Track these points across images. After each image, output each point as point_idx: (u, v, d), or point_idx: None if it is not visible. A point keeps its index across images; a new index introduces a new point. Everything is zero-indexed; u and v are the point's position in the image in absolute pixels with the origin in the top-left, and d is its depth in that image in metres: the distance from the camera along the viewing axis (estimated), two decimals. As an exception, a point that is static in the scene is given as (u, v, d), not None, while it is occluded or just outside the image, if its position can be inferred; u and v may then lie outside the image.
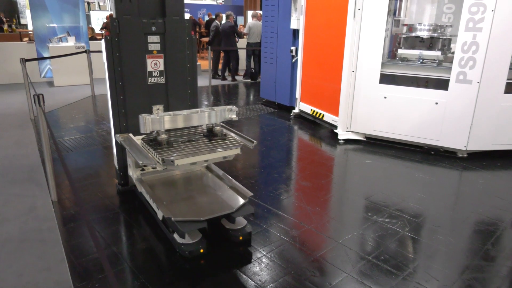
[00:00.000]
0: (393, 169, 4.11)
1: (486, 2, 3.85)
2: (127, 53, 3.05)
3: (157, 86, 3.24)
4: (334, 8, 4.92)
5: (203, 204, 2.74)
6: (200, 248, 2.49)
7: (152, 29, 3.08)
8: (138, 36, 3.04)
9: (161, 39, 3.14)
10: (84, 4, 9.35)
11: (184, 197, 2.88)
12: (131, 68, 3.10)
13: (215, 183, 3.08)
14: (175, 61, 3.21)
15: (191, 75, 3.31)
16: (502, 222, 3.03)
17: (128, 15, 2.97)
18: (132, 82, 3.13)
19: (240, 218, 2.72)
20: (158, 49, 3.16)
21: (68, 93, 7.71)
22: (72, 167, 3.96)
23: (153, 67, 3.19)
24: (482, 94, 4.10)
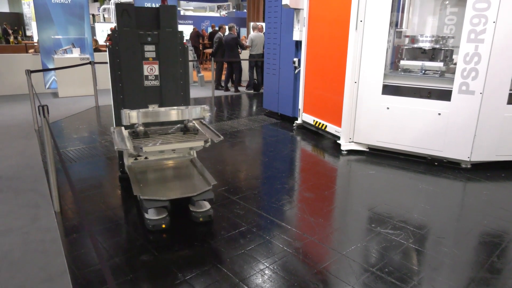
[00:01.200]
0: (397, 180, 4.09)
1: (487, 14, 3.87)
2: (126, 59, 3.49)
3: (152, 88, 3.65)
4: (336, 20, 4.96)
5: (172, 187, 3.24)
6: (162, 224, 2.95)
7: (148, 39, 3.52)
8: (135, 45, 3.48)
9: (156, 48, 3.56)
10: (89, 17, 9.47)
11: (160, 181, 3.38)
12: (129, 72, 3.53)
13: (191, 173, 3.56)
14: (168, 67, 3.62)
15: (183, 79, 3.71)
16: (508, 234, 3.00)
17: (127, 27, 3.44)
18: (130, 84, 3.56)
19: (206, 203, 3.18)
20: (154, 57, 3.58)
21: (72, 104, 7.77)
22: (76, 177, 3.97)
23: (149, 71, 3.61)
24: (485, 105, 4.09)
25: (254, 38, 9.58)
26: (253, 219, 3.17)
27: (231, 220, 3.15)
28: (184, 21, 18.37)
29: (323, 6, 5.26)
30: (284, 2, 5.50)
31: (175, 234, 2.91)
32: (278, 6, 6.06)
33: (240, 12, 20.76)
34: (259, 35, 9.60)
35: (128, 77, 3.54)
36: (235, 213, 3.27)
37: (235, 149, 5.11)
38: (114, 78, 3.55)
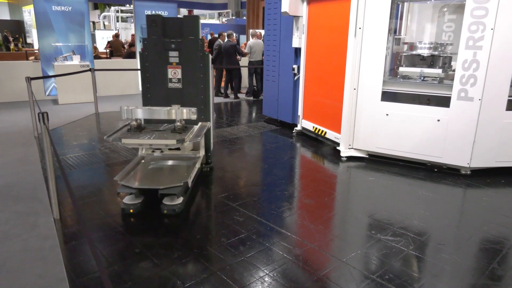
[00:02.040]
0: (396, 186, 4.09)
1: (485, 21, 3.90)
2: (153, 63, 4.04)
3: (175, 90, 4.12)
4: (335, 27, 4.99)
5: (152, 180, 3.61)
6: (130, 208, 3.31)
7: (172, 46, 3.99)
8: (161, 51, 4.00)
9: (179, 54, 4.01)
10: (89, 24, 9.52)
11: (151, 173, 3.74)
12: (156, 75, 4.06)
13: (180, 170, 3.81)
14: (189, 72, 4.05)
15: (203, 83, 4.07)
16: (508, 240, 3.00)
17: (155, 36, 3.97)
18: (156, 85, 4.09)
19: (179, 199, 3.37)
20: (177, 62, 4.05)
21: (72, 111, 7.78)
22: (75, 184, 3.97)
23: (173, 75, 4.09)
24: (483, 111, 4.11)
25: (252, 45, 9.63)
26: (253, 226, 3.16)
27: (231, 227, 3.14)
28: (184, 28, 18.46)
29: (322, 13, 5.29)
30: (283, 9, 5.54)
31: (174, 241, 2.91)
32: (278, 13, 6.09)
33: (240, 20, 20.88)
34: (257, 42, 9.65)
35: (154, 79, 4.07)
36: (234, 220, 3.26)
37: (234, 156, 5.11)
38: (143, 79, 4.09)
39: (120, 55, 12.67)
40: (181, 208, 3.36)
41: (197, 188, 3.95)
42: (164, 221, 3.22)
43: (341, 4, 4.80)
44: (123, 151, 5.07)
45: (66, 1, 8.88)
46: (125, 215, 3.32)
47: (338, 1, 4.87)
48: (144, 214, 3.34)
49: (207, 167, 4.44)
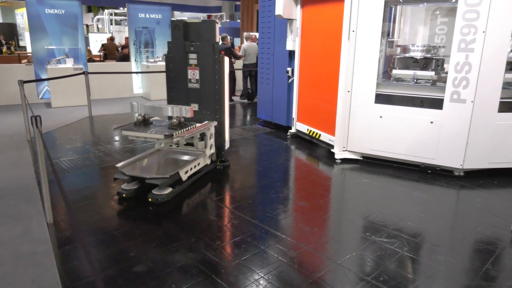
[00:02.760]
0: (391, 188, 4.10)
1: (477, 24, 3.94)
2: (175, 65, 4.40)
3: (194, 90, 4.43)
4: (329, 30, 5.01)
5: (149, 170, 3.88)
6: (123, 193, 3.63)
7: (191, 49, 4.30)
8: (181, 54, 4.33)
9: (197, 56, 4.30)
10: (83, 27, 9.49)
11: (151, 164, 4.05)
12: (178, 76, 4.43)
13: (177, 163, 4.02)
14: (206, 73, 4.31)
15: (218, 84, 4.30)
16: (501, 241, 3.02)
17: (177, 39, 4.30)
18: (178, 85, 4.45)
19: (166, 190, 3.61)
20: (196, 63, 4.34)
21: (65, 114, 7.73)
22: (69, 188, 3.94)
23: (192, 76, 4.40)
24: (476, 113, 4.14)
25: (247, 48, 9.64)
26: (247, 228, 3.16)
27: (226, 230, 3.14)
28: (178, 31, 18.44)
29: (316, 16, 5.32)
30: (277, 12, 5.56)
31: (168, 245, 2.89)
32: (272, 16, 6.11)
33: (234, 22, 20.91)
34: (252, 45, 9.67)
35: (176, 79, 4.43)
36: (229, 223, 3.25)
37: (229, 158, 5.10)
38: (168, 79, 4.47)
39: (114, 58, 12.64)
40: (165, 199, 3.57)
41: (199, 186, 3.94)
42: (160, 224, 3.20)
43: (334, 7, 4.83)
44: (117, 154, 5.05)
45: (59, 4, 8.84)
46: (120, 219, 3.30)
47: (332, 4, 4.90)
48: (140, 217, 3.32)
49: (221, 165, 4.60)
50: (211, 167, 4.47)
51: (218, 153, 4.63)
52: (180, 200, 3.72)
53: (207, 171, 4.39)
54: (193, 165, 4.03)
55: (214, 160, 4.59)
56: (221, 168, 4.59)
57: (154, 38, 10.36)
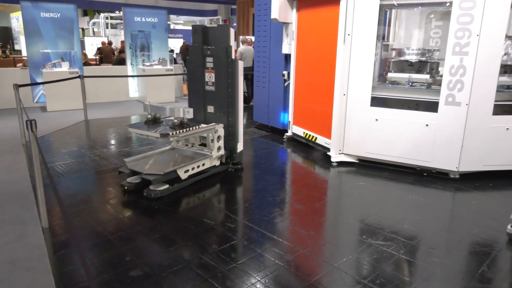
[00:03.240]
0: (387, 191, 4.12)
1: (471, 27, 3.97)
2: (193, 68, 4.61)
3: (210, 92, 4.58)
4: (325, 34, 5.04)
5: (152, 166, 4.08)
6: (125, 186, 3.90)
7: (208, 52, 4.45)
8: (200, 57, 4.52)
9: (213, 60, 4.44)
10: (78, 31, 9.47)
11: (156, 161, 4.24)
12: (195, 78, 4.63)
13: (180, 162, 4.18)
14: (221, 76, 4.44)
15: (231, 88, 4.41)
16: (497, 243, 3.03)
17: (197, 43, 4.51)
18: (195, 87, 4.65)
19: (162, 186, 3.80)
20: (212, 66, 4.49)
21: (61, 118, 7.70)
22: (64, 192, 3.92)
23: (208, 78, 4.56)
24: (471, 116, 4.17)
25: (243, 52, 9.66)
26: (244, 232, 3.15)
27: (222, 233, 3.13)
28: (174, 34, 18.48)
29: (312, 20, 5.34)
30: (273, 16, 5.58)
31: (164, 249, 2.88)
32: (267, 20, 6.13)
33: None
34: (248, 48, 9.69)
35: (195, 82, 4.62)
36: (226, 226, 3.25)
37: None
38: (189, 81, 4.73)
39: (110, 61, 12.62)
40: (158, 195, 3.74)
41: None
42: (156, 228, 3.19)
43: (330, 11, 4.86)
44: (112, 158, 5.03)
45: (55, 8, 8.83)
46: (116, 223, 3.29)
47: (327, 8, 4.93)
48: (136, 221, 3.31)
49: (232, 167, 4.63)
50: (221, 168, 4.54)
51: (231, 156, 4.64)
52: (178, 202, 3.71)
53: (216, 172, 4.45)
54: (196, 165, 4.15)
55: (225, 162, 4.62)
56: (232, 171, 4.61)
57: (150, 42, 10.36)
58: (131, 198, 3.81)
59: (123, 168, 4.00)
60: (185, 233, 3.13)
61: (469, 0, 3.93)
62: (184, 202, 3.76)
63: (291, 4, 5.61)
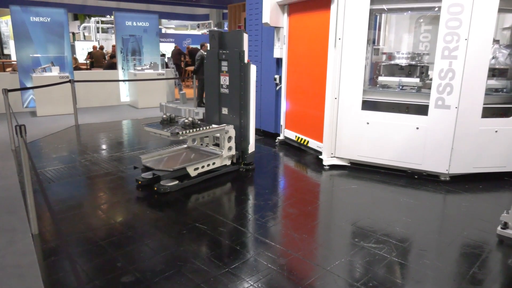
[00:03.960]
0: (378, 194, 4.14)
1: (459, 32, 4.03)
2: (210, 71, 4.80)
3: (224, 95, 4.78)
4: (316, 38, 5.07)
5: (164, 163, 4.32)
6: (139, 180, 4.17)
7: (223, 56, 4.65)
8: (216, 61, 4.71)
9: (228, 63, 4.64)
10: (69, 35, 9.41)
11: (175, 158, 4.47)
12: (212, 81, 4.81)
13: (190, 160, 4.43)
14: (234, 79, 4.63)
15: (243, 90, 4.59)
16: (487, 245, 3.06)
17: (213, 48, 4.69)
18: (211, 90, 4.84)
19: (172, 182, 4.06)
20: (226, 70, 4.68)
21: (51, 123, 7.63)
22: (54, 198, 3.87)
23: (223, 82, 4.76)
24: (460, 119, 4.22)
25: None
26: (236, 236, 3.15)
27: (214, 238, 3.12)
28: (165, 39, 18.46)
29: (303, 24, 5.38)
30: (264, 20, 5.60)
31: (156, 254, 2.86)
32: (259, 24, 6.16)
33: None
34: None
35: (212, 85, 4.81)
36: (218, 231, 3.24)
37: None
38: (206, 84, 4.91)
39: (101, 66, 12.55)
40: (168, 190, 3.99)
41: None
42: (148, 233, 3.17)
43: (321, 16, 4.89)
44: (104, 163, 4.99)
45: (45, 12, 8.77)
46: (107, 228, 3.26)
47: (318, 13, 4.96)
48: (127, 227, 3.28)
49: (244, 167, 4.79)
50: (232, 168, 4.71)
51: (242, 156, 4.81)
52: (172, 206, 3.69)
53: (226, 172, 4.64)
54: (205, 163, 4.38)
55: (236, 163, 4.81)
56: (243, 171, 4.74)
57: (141, 46, 10.33)
58: (122, 202, 3.78)
59: (138, 164, 4.34)
60: (177, 238, 3.11)
61: (457, 5, 3.99)
62: (176, 207, 3.74)
63: (282, 8, 5.64)
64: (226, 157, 4.62)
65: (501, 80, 4.56)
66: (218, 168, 4.54)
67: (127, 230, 3.23)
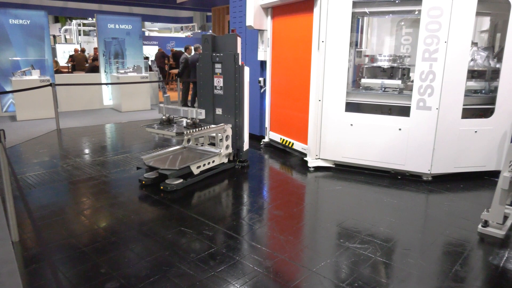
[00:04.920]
0: (363, 194, 4.18)
1: (439, 34, 4.11)
2: (203, 73, 4.99)
3: (218, 96, 4.97)
4: (299, 41, 5.10)
5: (167, 162, 4.46)
6: (143, 180, 4.30)
7: (216, 59, 4.84)
8: (209, 64, 4.90)
9: (222, 66, 4.83)
10: (49, 38, 9.24)
11: (176, 158, 4.61)
12: (205, 83, 5.00)
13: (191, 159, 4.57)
14: (228, 81, 4.82)
15: (238, 91, 4.80)
16: (469, 243, 3.13)
17: (206, 51, 4.89)
18: (205, 91, 5.03)
19: (177, 180, 4.21)
20: (220, 72, 4.87)
21: (31, 127, 7.47)
22: (35, 204, 3.79)
23: (217, 83, 4.94)
24: (441, 120, 4.30)
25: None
26: (222, 239, 3.13)
27: (200, 241, 3.10)
28: (149, 42, 18.29)
29: (286, 27, 5.41)
30: (248, 23, 5.61)
31: (141, 259, 2.83)
32: (243, 27, 6.16)
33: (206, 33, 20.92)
34: None
35: (205, 86, 5.01)
36: (204, 234, 3.22)
37: (203, 169, 5.06)
38: (198, 86, 5.09)
39: (83, 69, 12.36)
40: (174, 188, 4.13)
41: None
42: (132, 237, 3.13)
43: (304, 19, 4.93)
44: (87, 168, 4.91)
45: (24, 15, 8.60)
46: (90, 234, 3.21)
47: (301, 16, 5.00)
48: (110, 231, 3.23)
49: (239, 165, 5.04)
50: (229, 166, 4.95)
51: (237, 154, 5.04)
52: (156, 213, 3.66)
53: (224, 169, 4.86)
54: (207, 161, 4.56)
55: (232, 160, 5.04)
56: (239, 168, 4.97)
57: (124, 49, 10.22)
58: (105, 207, 3.73)
59: (141, 165, 4.48)
60: (161, 242, 3.08)
61: (437, 8, 4.07)
62: (160, 213, 3.71)
63: (266, 11, 5.67)
64: (224, 155, 4.82)
65: (479, 82, 4.67)
66: (217, 166, 4.75)
67: (111, 236, 3.18)
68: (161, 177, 4.27)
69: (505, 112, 4.40)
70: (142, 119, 8.50)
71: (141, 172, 4.58)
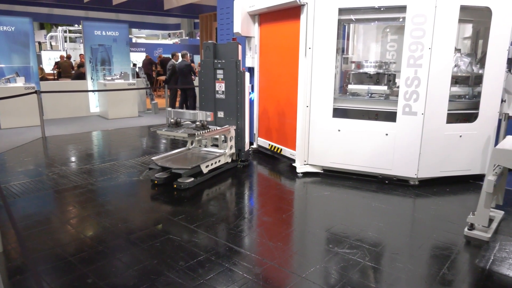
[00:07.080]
0: (351, 199, 4.21)
1: (423, 41, 4.19)
2: (205, 79, 5.31)
3: (220, 100, 5.30)
4: (286, 47, 5.14)
5: (177, 162, 4.70)
6: (155, 180, 4.51)
7: (218, 66, 5.16)
8: (211, 70, 5.22)
9: (224, 72, 5.15)
10: (34, 44, 9.13)
11: (184, 158, 4.90)
12: (207, 88, 5.32)
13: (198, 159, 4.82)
14: (230, 86, 5.15)
15: (240, 95, 5.12)
16: (456, 246, 3.16)
17: (208, 58, 5.21)
18: (207, 96, 5.35)
19: (189, 179, 4.44)
20: (222, 77, 5.19)
21: (16, 135, 7.34)
22: (20, 214, 3.71)
23: (219, 88, 5.26)
24: (427, 125, 4.37)
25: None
26: (211, 247, 3.11)
27: (189, 249, 3.07)
28: (136, 48, 18.22)
29: (273, 34, 5.44)
30: (235, 30, 5.63)
31: (129, 268, 2.79)
32: (230, 34, 6.18)
33: (193, 40, 20.94)
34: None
35: (207, 91, 5.32)
36: (192, 242, 3.19)
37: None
38: (200, 91, 5.42)
39: (69, 76, 12.23)
40: (187, 186, 4.37)
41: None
42: (119, 246, 3.08)
43: (291, 25, 4.97)
44: (73, 176, 4.84)
45: (8, 21, 8.49)
46: (77, 243, 3.15)
47: (288, 23, 5.04)
48: (97, 240, 3.18)
49: (241, 164, 5.35)
50: (232, 165, 5.25)
51: (239, 154, 5.36)
52: (146, 220, 3.62)
53: (228, 168, 5.16)
54: (214, 161, 4.82)
55: (235, 160, 5.35)
56: (241, 167, 5.28)
57: (111, 56, 10.15)
58: (92, 216, 3.67)
59: (152, 165, 4.63)
60: (150, 250, 3.04)
61: (420, 16, 4.15)
62: (150, 220, 3.67)
63: (253, 18, 5.70)
64: (228, 155, 5.12)
65: (463, 87, 4.76)
66: (221, 165, 5.02)
67: (98, 245, 3.13)
68: (173, 176, 4.46)
69: (488, 116, 4.49)
70: (130, 126, 8.43)
71: (127, 179, 4.72)
